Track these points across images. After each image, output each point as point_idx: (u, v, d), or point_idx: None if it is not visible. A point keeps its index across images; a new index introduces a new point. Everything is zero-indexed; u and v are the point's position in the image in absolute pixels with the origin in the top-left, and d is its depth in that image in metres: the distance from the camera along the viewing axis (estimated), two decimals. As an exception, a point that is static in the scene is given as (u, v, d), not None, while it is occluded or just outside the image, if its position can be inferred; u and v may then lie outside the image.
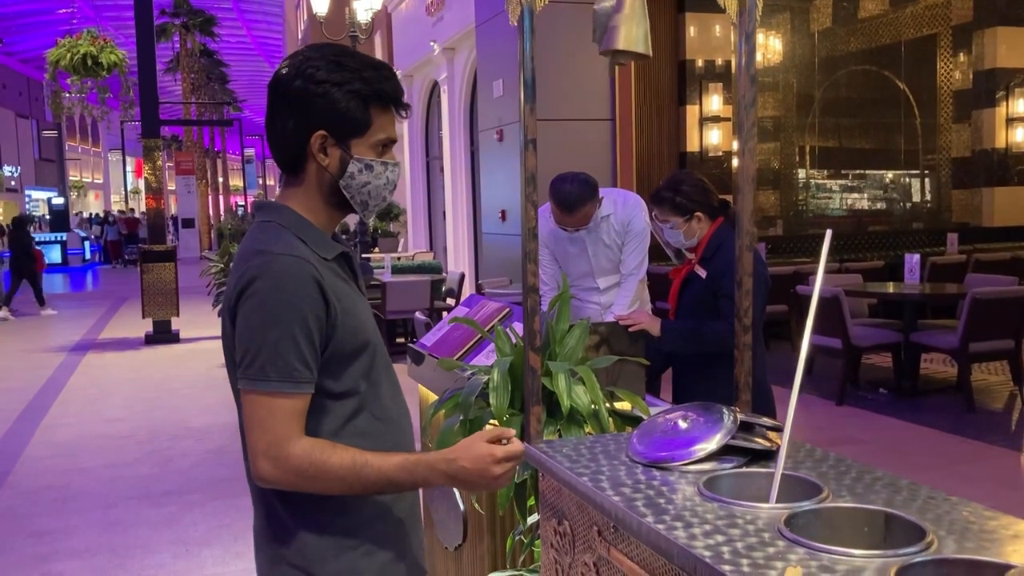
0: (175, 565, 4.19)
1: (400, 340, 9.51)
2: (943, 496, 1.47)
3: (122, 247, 28.49)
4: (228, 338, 1.53)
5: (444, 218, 14.93)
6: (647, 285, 4.03)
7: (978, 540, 1.30)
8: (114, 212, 35.30)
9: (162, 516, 4.83)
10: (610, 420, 2.26)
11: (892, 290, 7.50)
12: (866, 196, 11.85)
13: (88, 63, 11.93)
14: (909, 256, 7.55)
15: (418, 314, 6.38)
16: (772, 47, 10.78)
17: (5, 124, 35.69)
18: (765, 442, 1.70)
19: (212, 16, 33.20)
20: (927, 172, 11.88)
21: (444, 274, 10.49)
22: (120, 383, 8.71)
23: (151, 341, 11.14)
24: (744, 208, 2.19)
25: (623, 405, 2.38)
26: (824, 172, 11.44)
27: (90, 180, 51.03)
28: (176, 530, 4.62)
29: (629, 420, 2.29)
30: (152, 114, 11.36)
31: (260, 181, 56.35)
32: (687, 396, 2.97)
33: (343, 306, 1.52)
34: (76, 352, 10.69)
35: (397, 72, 1.64)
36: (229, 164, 48.72)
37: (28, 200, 37.70)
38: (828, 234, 1.57)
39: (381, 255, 11.87)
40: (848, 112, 11.33)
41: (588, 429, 2.20)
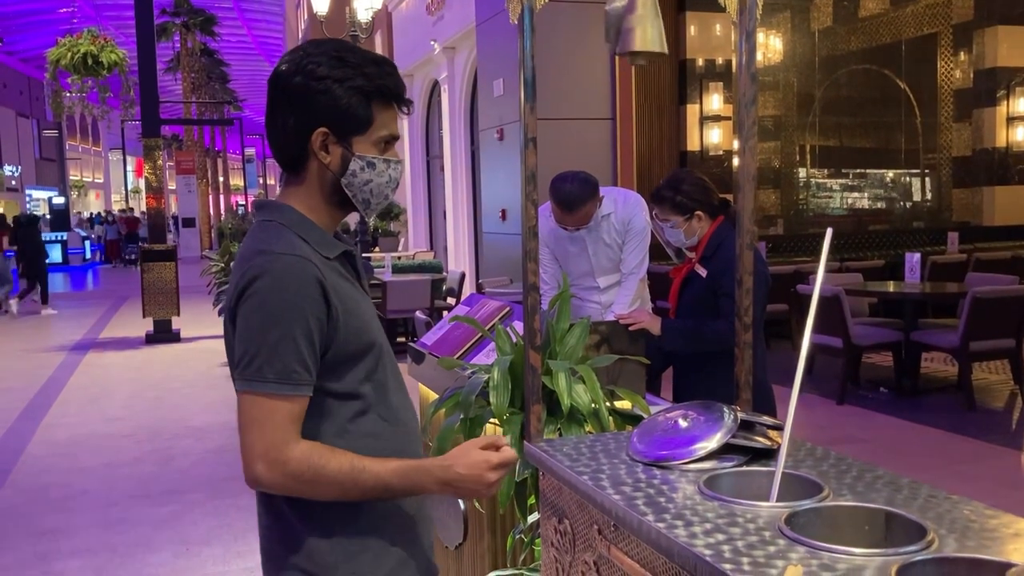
0: (175, 564, 4.19)
1: (400, 339, 9.51)
2: (944, 495, 1.47)
3: (121, 247, 28.47)
4: (230, 339, 1.50)
5: (444, 217, 14.93)
6: (647, 284, 4.03)
7: (979, 539, 1.30)
8: (114, 212, 35.28)
9: (163, 515, 4.83)
10: (610, 419, 2.26)
11: (893, 289, 7.49)
12: (867, 195, 11.84)
13: (89, 62, 11.95)
14: (910, 255, 7.54)
15: (418, 313, 6.39)
16: (772, 46, 10.78)
17: (6, 123, 35.69)
18: (766, 441, 1.71)
19: (212, 15, 33.22)
20: (928, 171, 11.87)
21: (444, 273, 10.50)
22: (121, 382, 8.71)
23: (152, 340, 11.15)
24: (745, 207, 2.19)
25: (623, 404, 2.38)
26: (825, 171, 11.43)
27: (91, 179, 51.06)
28: (177, 529, 4.62)
29: (629, 419, 2.29)
30: (152, 113, 11.36)
31: (261, 180, 56.41)
32: (687, 395, 2.97)
33: (346, 306, 1.49)
34: (77, 351, 10.69)
35: (397, 70, 1.63)
36: (230, 163, 48.73)
37: (29, 200, 37.67)
38: (829, 233, 1.57)
39: (381, 254, 11.86)
40: (849, 111, 11.32)
41: (588, 428, 2.20)
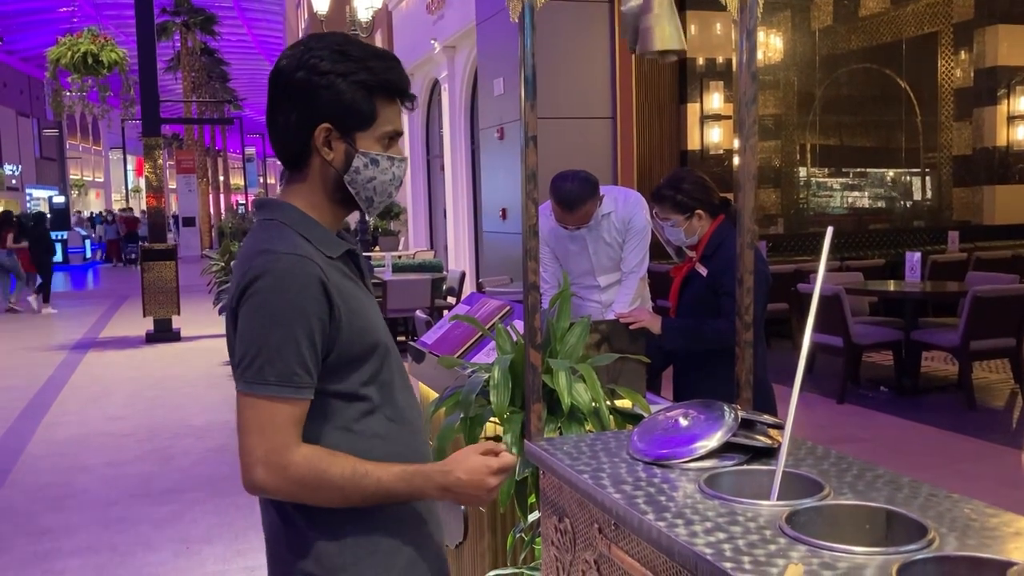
0: (176, 563, 4.19)
1: (401, 338, 9.51)
2: (944, 494, 1.47)
3: (121, 246, 28.45)
4: (231, 339, 1.47)
5: (445, 216, 14.92)
6: (648, 283, 4.03)
7: (979, 537, 1.30)
8: (114, 211, 35.27)
9: (163, 514, 4.83)
10: (611, 418, 2.26)
11: (893, 288, 7.49)
12: (867, 194, 11.84)
13: (89, 61, 11.94)
14: (910, 254, 7.54)
15: (419, 312, 6.39)
16: (773, 45, 10.77)
17: (6, 122, 35.69)
18: (766, 440, 1.70)
19: (213, 15, 33.22)
20: (928, 170, 11.86)
21: (445, 272, 10.50)
22: (121, 381, 8.71)
23: (152, 339, 11.15)
24: (745, 206, 2.19)
25: (624, 403, 2.38)
26: (825, 170, 11.43)
27: (91, 179, 51.05)
28: (177, 528, 4.62)
29: (630, 418, 2.29)
30: (153, 112, 11.36)
31: (261, 179, 56.42)
32: (688, 394, 2.97)
33: (349, 307, 1.46)
34: (77, 350, 10.69)
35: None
36: (230, 162, 48.72)
37: (29, 199, 37.67)
38: (829, 232, 1.57)
39: (382, 253, 11.86)
40: (849, 110, 11.32)
41: (589, 427, 2.20)
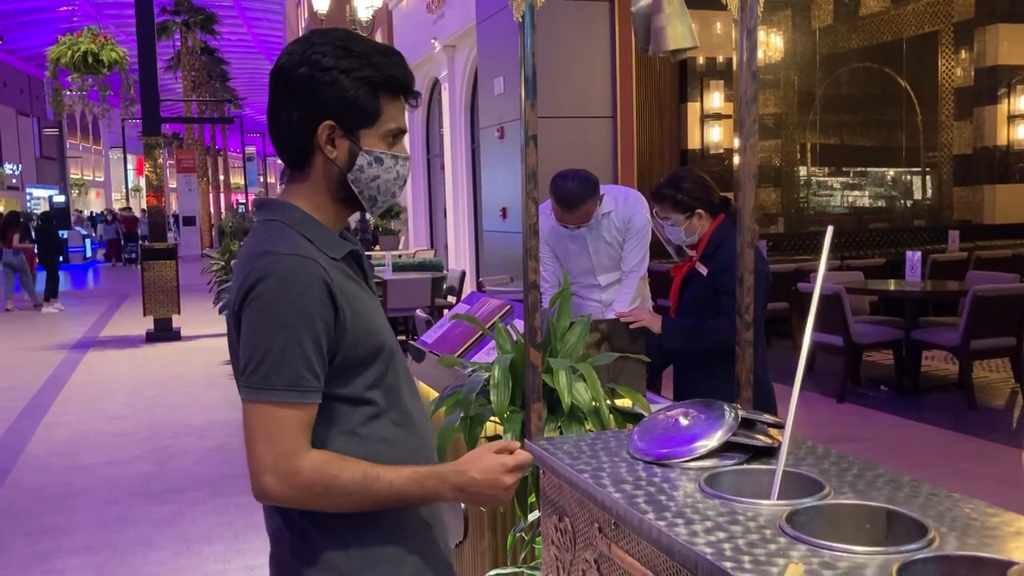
0: (176, 562, 4.19)
1: (401, 337, 9.51)
2: (945, 493, 1.47)
3: (120, 246, 28.45)
4: (234, 342, 1.44)
5: (445, 215, 14.92)
6: (648, 282, 4.03)
7: (980, 537, 1.30)
8: (115, 210, 35.27)
9: (163, 513, 4.83)
10: (611, 417, 2.26)
11: (893, 287, 7.48)
12: (867, 193, 11.84)
13: (89, 61, 11.94)
14: (910, 253, 7.53)
15: (419, 311, 6.40)
16: (773, 44, 10.77)
17: (6, 122, 35.71)
18: (766, 439, 1.70)
19: (213, 14, 33.21)
20: (928, 169, 11.86)
21: (445, 272, 10.49)
22: (121, 381, 8.71)
23: (152, 339, 11.15)
24: (745, 205, 2.19)
25: (624, 402, 2.38)
26: (825, 169, 11.43)
27: (91, 178, 51.07)
28: (177, 527, 4.62)
29: (630, 417, 2.29)
30: (153, 112, 11.35)
31: (261, 179, 56.37)
32: (688, 393, 2.96)
33: (354, 309, 1.43)
34: (77, 350, 10.70)
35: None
36: (230, 162, 48.73)
37: (29, 198, 37.72)
38: (829, 231, 1.57)
39: (382, 253, 11.84)
40: (849, 109, 11.31)
41: (589, 426, 2.20)
